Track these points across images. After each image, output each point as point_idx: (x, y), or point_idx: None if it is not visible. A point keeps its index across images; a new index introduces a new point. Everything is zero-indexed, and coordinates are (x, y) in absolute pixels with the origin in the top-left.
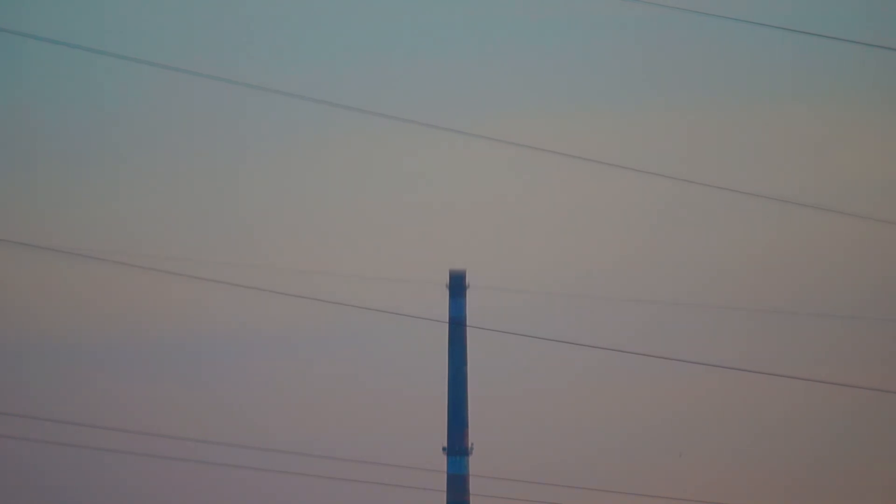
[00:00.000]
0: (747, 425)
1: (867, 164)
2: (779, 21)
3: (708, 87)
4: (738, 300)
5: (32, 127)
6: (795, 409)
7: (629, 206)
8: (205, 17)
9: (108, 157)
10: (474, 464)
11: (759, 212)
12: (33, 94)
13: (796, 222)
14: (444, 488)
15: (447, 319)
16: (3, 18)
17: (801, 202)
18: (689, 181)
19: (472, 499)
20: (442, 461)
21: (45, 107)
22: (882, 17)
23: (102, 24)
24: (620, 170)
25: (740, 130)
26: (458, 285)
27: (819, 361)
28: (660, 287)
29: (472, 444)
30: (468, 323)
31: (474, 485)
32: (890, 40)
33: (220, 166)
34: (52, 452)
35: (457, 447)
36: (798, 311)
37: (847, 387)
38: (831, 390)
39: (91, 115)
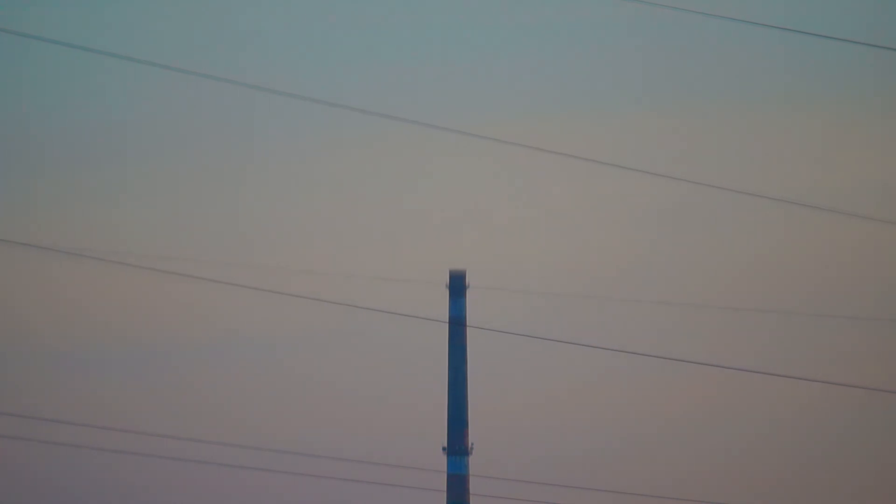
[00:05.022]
0: (748, 425)
1: (869, 164)
2: (779, 21)
3: (708, 87)
4: (738, 301)
5: (33, 127)
6: (796, 409)
7: (629, 207)
8: (205, 17)
9: (108, 157)
10: (474, 464)
11: (760, 212)
12: (34, 95)
13: (797, 223)
14: (444, 488)
15: (447, 319)
16: (3, 19)
17: (802, 203)
18: (689, 181)
19: (472, 499)
20: (442, 461)
21: (45, 107)
22: (882, 17)
23: (103, 24)
24: (620, 170)
25: (741, 131)
26: (458, 285)
27: (820, 361)
28: (660, 287)
29: (472, 444)
30: (468, 323)
31: (474, 485)
32: (890, 40)
33: (221, 167)
34: (52, 453)
35: (457, 447)
36: (799, 311)
37: (847, 387)
38: (832, 390)
39: (91, 115)
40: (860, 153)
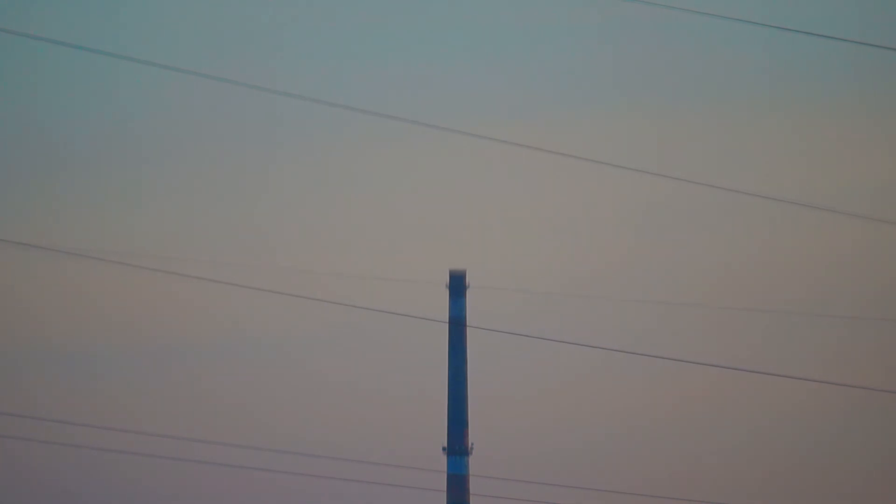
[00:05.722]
0: (748, 425)
1: (869, 164)
2: (778, 21)
3: (708, 87)
4: (737, 301)
5: (34, 127)
6: (793, 409)
7: (629, 206)
8: (205, 17)
9: (108, 157)
10: (474, 464)
11: (759, 212)
12: (34, 96)
13: (796, 223)
14: (444, 488)
15: (447, 319)
16: (5, 19)
17: (801, 202)
18: (689, 181)
19: (472, 499)
20: (442, 461)
21: (45, 107)
22: (882, 17)
23: (101, 24)
24: (620, 170)
25: (741, 130)
26: (458, 285)
27: (818, 361)
28: (659, 287)
29: (472, 444)
30: (468, 323)
31: (474, 485)
32: (890, 40)
33: (221, 167)
34: (53, 453)
35: (457, 447)
36: (796, 311)
37: (845, 387)
38: (829, 390)
39: (92, 115)
40: (860, 153)
